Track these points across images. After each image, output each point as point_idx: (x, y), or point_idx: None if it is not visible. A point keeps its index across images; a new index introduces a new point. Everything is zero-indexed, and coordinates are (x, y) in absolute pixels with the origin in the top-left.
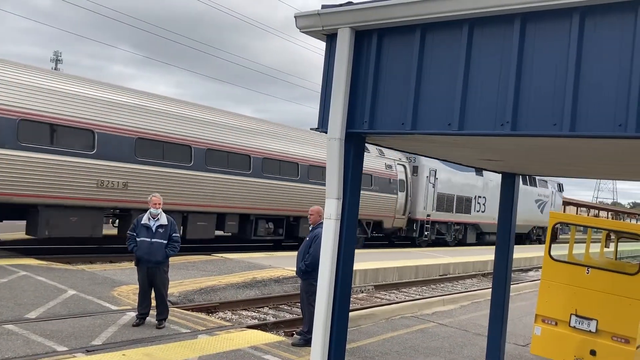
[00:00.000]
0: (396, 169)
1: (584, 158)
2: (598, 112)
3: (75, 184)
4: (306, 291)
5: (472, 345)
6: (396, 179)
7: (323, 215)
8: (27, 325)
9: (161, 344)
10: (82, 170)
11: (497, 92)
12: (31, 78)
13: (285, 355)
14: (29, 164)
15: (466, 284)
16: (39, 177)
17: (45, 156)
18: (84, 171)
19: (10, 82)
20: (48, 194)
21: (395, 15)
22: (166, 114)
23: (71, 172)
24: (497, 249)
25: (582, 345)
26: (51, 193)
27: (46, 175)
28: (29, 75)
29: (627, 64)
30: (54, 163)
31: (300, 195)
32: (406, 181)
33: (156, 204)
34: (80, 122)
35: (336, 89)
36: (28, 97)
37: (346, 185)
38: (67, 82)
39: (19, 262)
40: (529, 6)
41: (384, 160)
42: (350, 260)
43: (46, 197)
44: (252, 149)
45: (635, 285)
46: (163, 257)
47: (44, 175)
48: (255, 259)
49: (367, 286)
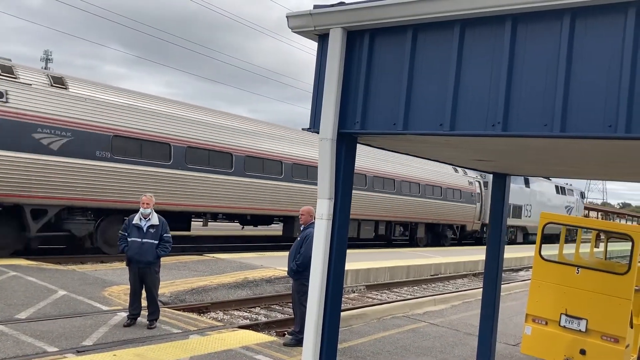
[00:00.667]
0: (475, 185)
1: (575, 159)
2: (588, 112)
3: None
4: (298, 291)
5: (463, 345)
6: (475, 193)
7: (314, 215)
8: (17, 325)
9: (152, 345)
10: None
11: (488, 93)
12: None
13: (276, 355)
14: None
15: (457, 283)
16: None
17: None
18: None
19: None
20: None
21: (387, 15)
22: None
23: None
24: (488, 249)
25: (572, 345)
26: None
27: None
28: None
29: (617, 65)
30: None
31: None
32: (480, 194)
33: (144, 203)
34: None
35: (328, 89)
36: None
37: (338, 186)
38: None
39: (9, 262)
40: (520, 7)
41: (467, 178)
42: (341, 260)
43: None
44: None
45: (624, 285)
46: (154, 257)
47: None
48: (247, 259)
49: (359, 286)
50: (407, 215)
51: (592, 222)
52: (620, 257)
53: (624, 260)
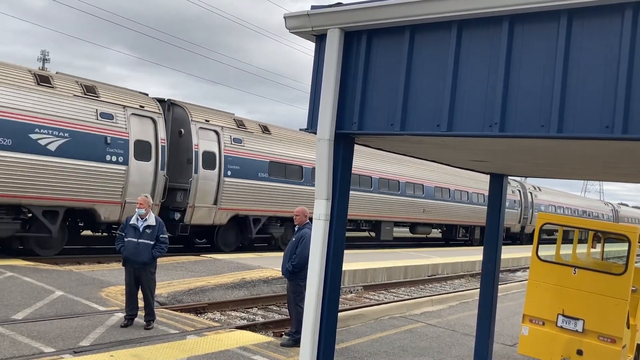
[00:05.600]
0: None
1: (572, 159)
2: (585, 113)
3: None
4: (293, 292)
5: (460, 345)
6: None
7: (308, 216)
8: (13, 326)
9: (149, 345)
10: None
11: (485, 94)
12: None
13: (274, 355)
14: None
15: (454, 284)
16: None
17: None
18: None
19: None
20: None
21: (385, 16)
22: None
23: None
24: (485, 249)
25: (569, 345)
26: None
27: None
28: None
29: (613, 65)
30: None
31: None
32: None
33: (139, 203)
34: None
35: (325, 89)
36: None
37: (335, 186)
38: None
39: (6, 262)
40: (517, 8)
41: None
42: (339, 261)
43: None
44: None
45: (621, 286)
46: (149, 258)
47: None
48: (244, 259)
49: (356, 287)
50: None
51: (589, 222)
52: (617, 257)
53: (621, 260)
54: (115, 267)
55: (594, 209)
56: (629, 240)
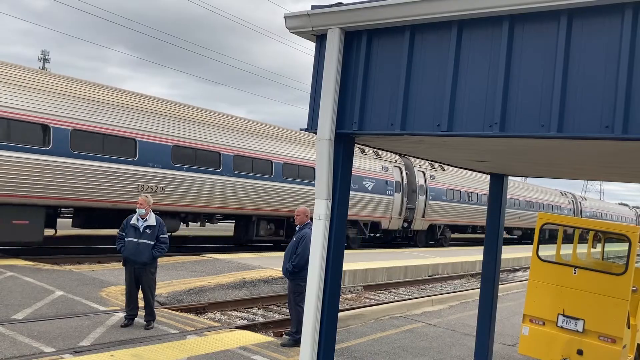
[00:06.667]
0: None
1: (572, 159)
2: (585, 113)
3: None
4: (293, 291)
5: (460, 345)
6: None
7: (309, 216)
8: (14, 326)
9: (150, 345)
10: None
11: (485, 93)
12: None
13: (274, 355)
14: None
15: (455, 284)
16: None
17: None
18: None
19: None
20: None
21: (385, 16)
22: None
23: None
24: (486, 249)
25: (569, 345)
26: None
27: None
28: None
29: (613, 65)
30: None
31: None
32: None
33: (139, 203)
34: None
35: (326, 90)
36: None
37: (335, 186)
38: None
39: (6, 262)
40: (517, 8)
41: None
42: (339, 261)
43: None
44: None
45: (621, 286)
46: (149, 258)
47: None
48: (245, 259)
49: (357, 286)
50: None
51: (589, 222)
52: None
53: (621, 260)
54: (115, 267)
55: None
56: (629, 240)
